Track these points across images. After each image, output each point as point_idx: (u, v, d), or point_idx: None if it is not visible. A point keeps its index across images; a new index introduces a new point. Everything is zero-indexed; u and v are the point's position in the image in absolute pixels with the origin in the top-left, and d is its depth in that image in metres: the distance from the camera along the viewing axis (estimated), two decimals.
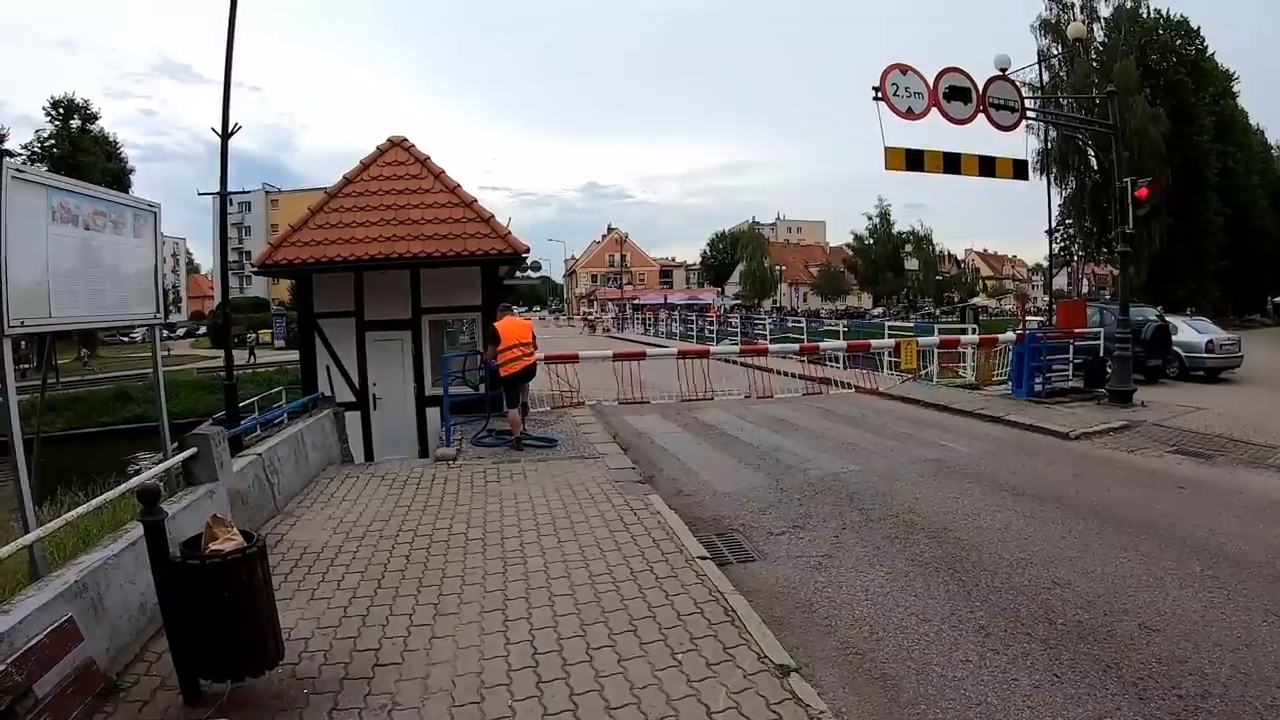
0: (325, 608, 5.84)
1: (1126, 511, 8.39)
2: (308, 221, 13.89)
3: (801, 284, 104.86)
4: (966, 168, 15.41)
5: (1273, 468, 10.37)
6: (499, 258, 13.68)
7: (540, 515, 8.16)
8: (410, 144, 15.19)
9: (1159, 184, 17.09)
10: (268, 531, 7.73)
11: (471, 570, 6.59)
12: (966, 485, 9.66)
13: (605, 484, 9.42)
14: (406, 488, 9.56)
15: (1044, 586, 6.32)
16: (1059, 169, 44.03)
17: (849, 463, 11.06)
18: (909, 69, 14.08)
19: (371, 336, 14.06)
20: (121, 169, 53.64)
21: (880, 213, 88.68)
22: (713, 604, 5.72)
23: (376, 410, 14.25)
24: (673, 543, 7.11)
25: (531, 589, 6.12)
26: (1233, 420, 13.44)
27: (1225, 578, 6.40)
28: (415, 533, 7.71)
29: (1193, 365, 19.96)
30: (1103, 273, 66.76)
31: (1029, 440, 12.66)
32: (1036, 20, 46.50)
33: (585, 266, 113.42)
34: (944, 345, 19.52)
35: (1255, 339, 28.39)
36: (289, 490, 9.14)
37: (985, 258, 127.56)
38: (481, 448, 11.73)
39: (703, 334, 41.18)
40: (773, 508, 8.84)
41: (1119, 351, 15.50)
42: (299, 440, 10.10)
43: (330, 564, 6.84)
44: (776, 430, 13.78)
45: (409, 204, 14.06)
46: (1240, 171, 48.04)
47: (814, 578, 6.63)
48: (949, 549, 7.29)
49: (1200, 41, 48.35)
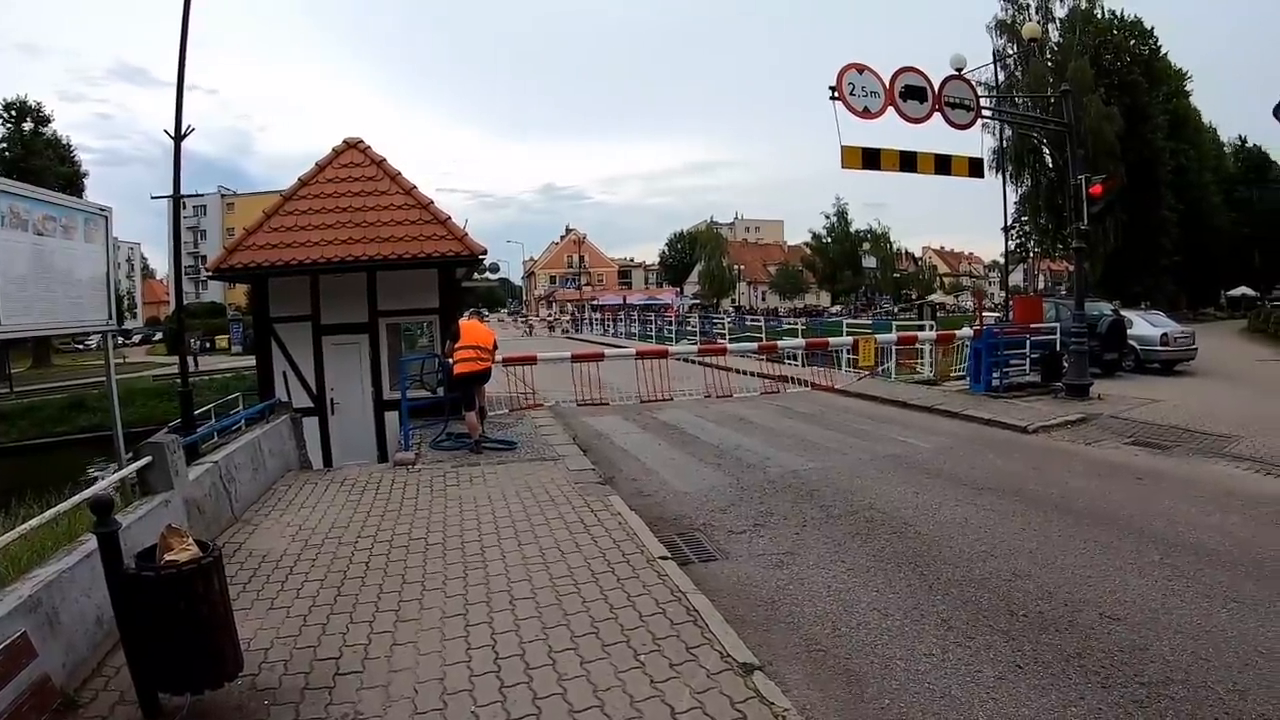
0: (285, 617, 5.72)
1: (1085, 503, 8.47)
2: (263, 225, 13.78)
3: (760, 283, 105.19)
4: (923, 166, 15.49)
5: (1228, 456, 10.55)
6: (456, 259, 13.62)
7: (500, 518, 8.06)
8: (366, 145, 15.06)
9: (1113, 181, 17.33)
10: (225, 540, 7.54)
11: (432, 575, 6.49)
12: (926, 480, 9.68)
13: (565, 485, 9.34)
14: (366, 493, 9.41)
15: (1005, 579, 6.34)
16: (1015, 167, 44.60)
17: (809, 460, 11.05)
18: (865, 69, 14.14)
19: (328, 340, 13.96)
20: (75, 173, 52.70)
21: (838, 211, 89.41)
22: (675, 604, 5.67)
23: (335, 415, 14.14)
24: (634, 543, 7.06)
25: (493, 593, 6.04)
26: (1188, 411, 13.66)
27: (1184, 566, 6.46)
28: (375, 538, 7.58)
29: (1148, 358, 20.33)
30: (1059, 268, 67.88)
31: (987, 435, 12.77)
32: (993, 21, 47.17)
33: (544, 268, 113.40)
34: (902, 342, 19.60)
35: (1208, 332, 29.01)
36: (247, 498, 8.96)
37: (942, 255, 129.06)
38: (441, 451, 11.61)
39: (661, 334, 41.14)
40: (733, 506, 8.79)
41: (1074, 346, 15.67)
42: (256, 447, 9.90)
43: (289, 572, 6.70)
44: (736, 429, 13.75)
45: (365, 206, 13.98)
46: (1193, 169, 49.12)
47: (776, 575, 6.60)
48: (910, 543, 7.30)
49: (1154, 41, 49.44)
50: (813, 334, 27.93)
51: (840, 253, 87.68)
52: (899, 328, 24.09)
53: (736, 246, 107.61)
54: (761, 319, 42.35)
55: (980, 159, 16.17)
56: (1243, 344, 30.45)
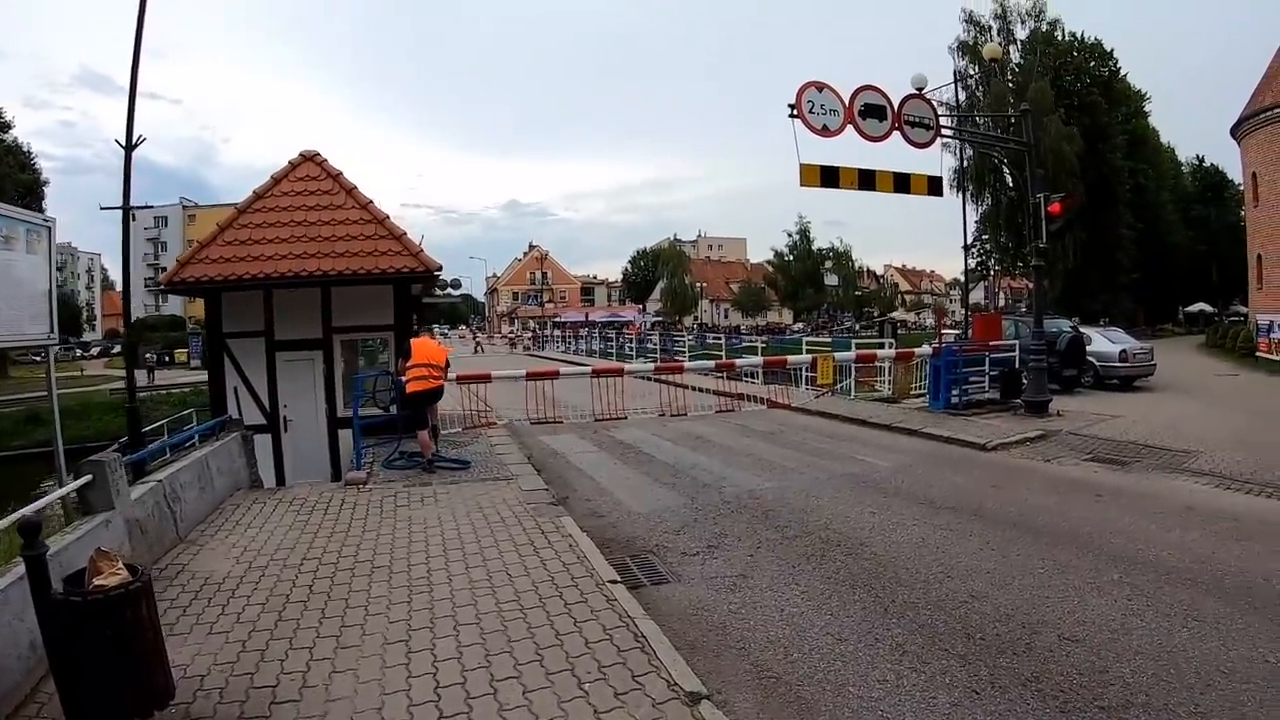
0: (224, 642, 5.53)
1: (1044, 521, 8.41)
2: (216, 238, 13.52)
3: (723, 300, 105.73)
4: (881, 184, 15.48)
5: (1187, 472, 10.58)
6: (411, 276, 13.44)
7: (449, 540, 7.87)
8: (323, 158, 14.82)
9: (1072, 200, 17.47)
10: (169, 561, 7.33)
11: (376, 599, 6.30)
12: (884, 500, 9.58)
13: (517, 506, 9.15)
14: (314, 513, 9.18)
15: (961, 600, 6.23)
16: (975, 186, 45.17)
17: (765, 479, 10.93)
18: (825, 86, 14.09)
19: (282, 356, 13.68)
20: (35, 180, 52.00)
21: (800, 230, 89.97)
22: (622, 630, 5.50)
23: (287, 433, 13.86)
24: (583, 566, 6.87)
25: (436, 618, 5.86)
26: (1147, 427, 13.74)
27: (1143, 584, 6.40)
28: (320, 560, 7.37)
29: (1107, 374, 20.48)
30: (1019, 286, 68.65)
31: (946, 452, 12.74)
32: (955, 42, 47.76)
33: (507, 284, 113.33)
34: (861, 360, 19.56)
35: (1167, 347, 29.37)
36: (193, 518, 8.72)
37: (904, 273, 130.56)
38: (393, 470, 11.39)
39: (622, 351, 40.93)
40: (687, 528, 8.63)
41: (1034, 363, 15.73)
42: (204, 465, 9.65)
43: (231, 595, 6.48)
44: (693, 448, 13.63)
45: (320, 220, 13.75)
46: (1151, 188, 50.01)
47: (728, 599, 6.43)
48: (866, 565, 7.16)
49: (1114, 63, 50.32)
50: (772, 352, 27.94)
51: (802, 270, 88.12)
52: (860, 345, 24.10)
53: (699, 264, 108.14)
54: (722, 337, 42.32)
55: (939, 177, 16.21)
56: (1201, 359, 30.80)
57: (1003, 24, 47.77)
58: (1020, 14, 48.04)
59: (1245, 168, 39.42)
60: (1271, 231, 35.74)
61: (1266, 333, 28.11)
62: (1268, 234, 36.21)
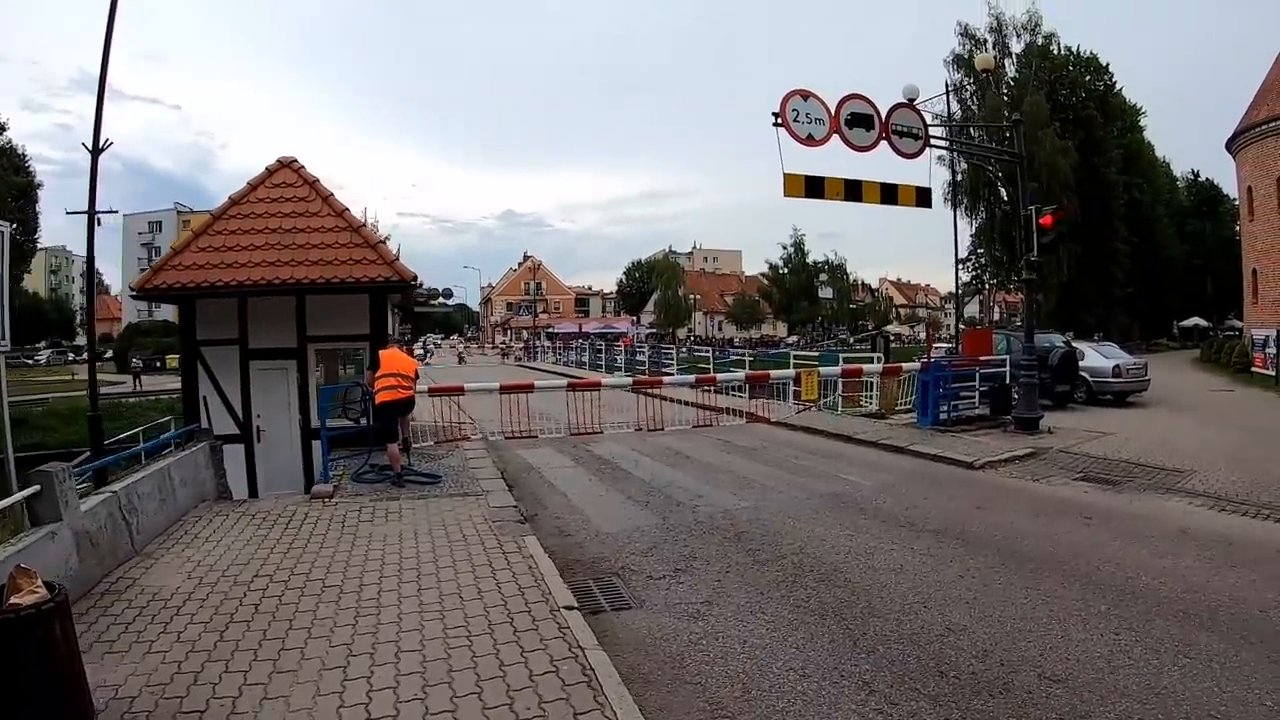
0: (161, 662, 5.31)
1: (1029, 546, 8.07)
2: (190, 244, 13.28)
3: (717, 313, 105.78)
4: (868, 195, 15.18)
5: (1181, 492, 10.28)
6: (386, 285, 13.12)
7: (406, 559, 7.57)
8: (300, 165, 14.54)
9: (1064, 212, 17.19)
10: (120, 575, 7.12)
11: (320, 621, 6.03)
12: (863, 521, 9.24)
13: (482, 524, 8.84)
14: (275, 528, 8.91)
15: (937, 634, 5.87)
16: (969, 200, 45.12)
17: (742, 499, 10.59)
18: (810, 94, 13.82)
19: (255, 365, 13.41)
20: (29, 182, 51.66)
21: (795, 242, 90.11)
22: (570, 661, 5.18)
23: (260, 443, 13.56)
24: (539, 590, 6.55)
25: (379, 643, 5.58)
26: (1140, 445, 13.51)
27: (1132, 617, 6.06)
28: (271, 578, 7.11)
29: (1100, 390, 20.25)
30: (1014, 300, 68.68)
31: (932, 471, 12.41)
32: (950, 55, 47.59)
33: (501, 294, 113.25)
34: (847, 375, 19.21)
35: (1161, 362, 29.16)
36: (151, 530, 8.48)
37: (899, 286, 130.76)
38: (362, 484, 11.10)
39: (613, 364, 40.45)
40: (656, 549, 8.29)
41: (1024, 378, 15.46)
42: (165, 476, 9.40)
43: (176, 612, 6.25)
44: (671, 464, 13.31)
45: (295, 228, 13.47)
46: (1146, 202, 49.97)
47: (690, 628, 6.09)
48: (838, 593, 6.81)
49: (1109, 77, 50.31)
50: (760, 365, 27.66)
51: (797, 283, 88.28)
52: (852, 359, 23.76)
53: (694, 276, 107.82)
54: (709, 350, 42.01)
55: (929, 188, 15.86)
56: (1196, 374, 30.69)
57: (998, 37, 47.70)
58: (1016, 27, 48.05)
59: (1240, 181, 39.28)
60: (1267, 246, 35.58)
61: (1261, 348, 27.93)
62: (1263, 248, 36.05)
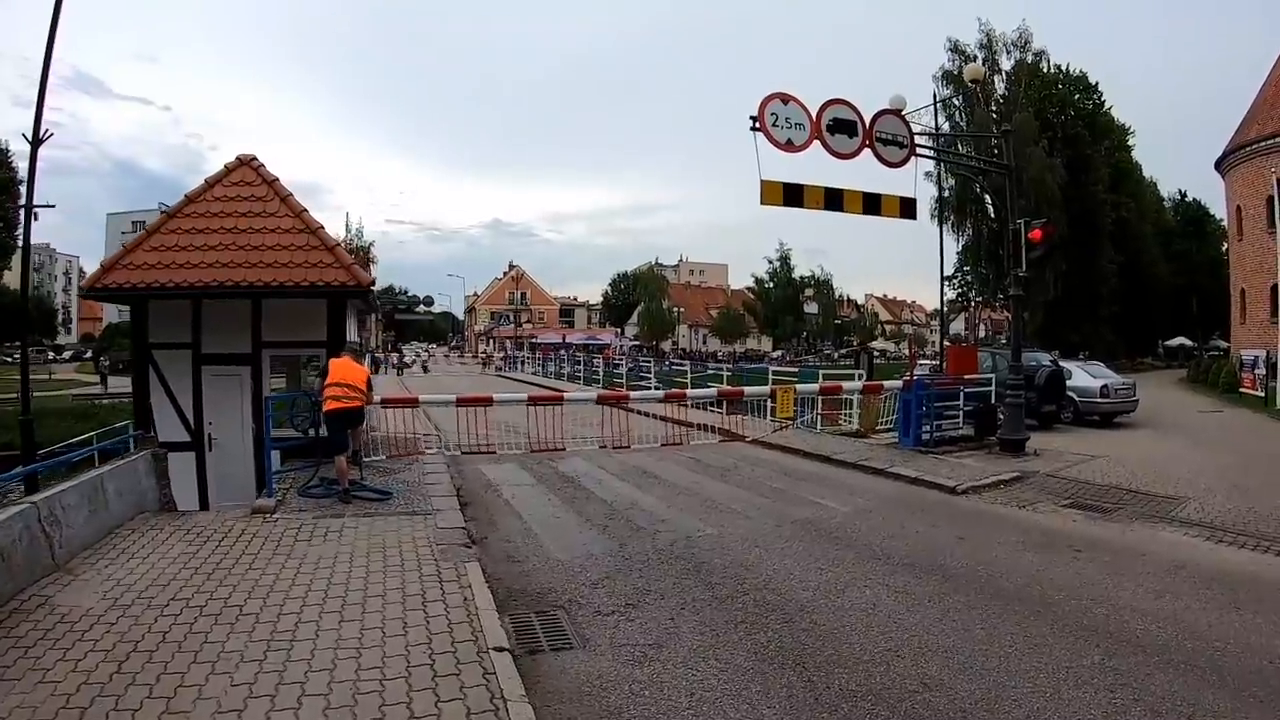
0: (50, 694, 4.92)
1: (1015, 584, 7.43)
2: (143, 243, 12.73)
3: (702, 326, 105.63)
4: (850, 205, 14.61)
5: (1175, 522, 9.74)
6: (342, 290, 12.54)
7: (335, 585, 6.98)
8: (259, 163, 13.99)
9: (1053, 227, 16.70)
10: (34, 593, 6.67)
11: (227, 655, 5.50)
12: (836, 552, 8.61)
13: (424, 547, 8.22)
14: (207, 545, 8.34)
15: (910, 689, 5.20)
16: (956, 216, 44.92)
17: (708, 524, 9.94)
18: (790, 99, 13.29)
19: (208, 371, 12.93)
20: (11, 179, 51.15)
21: (781, 257, 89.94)
22: (489, 716, 4.60)
23: (212, 452, 13.02)
24: (470, 627, 5.94)
25: (284, 684, 5.05)
26: (1130, 468, 13.04)
27: (1130, 670, 5.41)
28: (188, 602, 6.57)
29: (1087, 410, 19.86)
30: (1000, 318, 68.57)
31: (913, 496, 11.79)
32: (939, 71, 47.30)
33: (485, 303, 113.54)
34: (826, 392, 18.58)
35: (1147, 381, 28.79)
36: (78, 542, 7.99)
37: (885, 302, 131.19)
38: (308, 498, 10.47)
39: (590, 375, 40.09)
40: (609, 579, 7.66)
41: (1010, 398, 14.94)
42: (97, 486, 8.90)
43: (80, 637, 5.83)
44: (638, 484, 12.69)
45: (250, 228, 12.94)
46: (1133, 221, 49.91)
47: (633, 674, 5.46)
48: (801, 637, 6.14)
49: (1098, 96, 50.35)
50: (738, 380, 27.21)
51: (782, 298, 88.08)
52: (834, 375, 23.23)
53: (679, 289, 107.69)
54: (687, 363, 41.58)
55: (913, 199, 15.23)
56: (1183, 394, 30.43)
57: (988, 54, 47.38)
58: (1006, 44, 47.73)
59: (1230, 201, 39.17)
60: (1255, 265, 35.43)
61: (1251, 368, 27.66)
62: (1251, 268, 35.93)
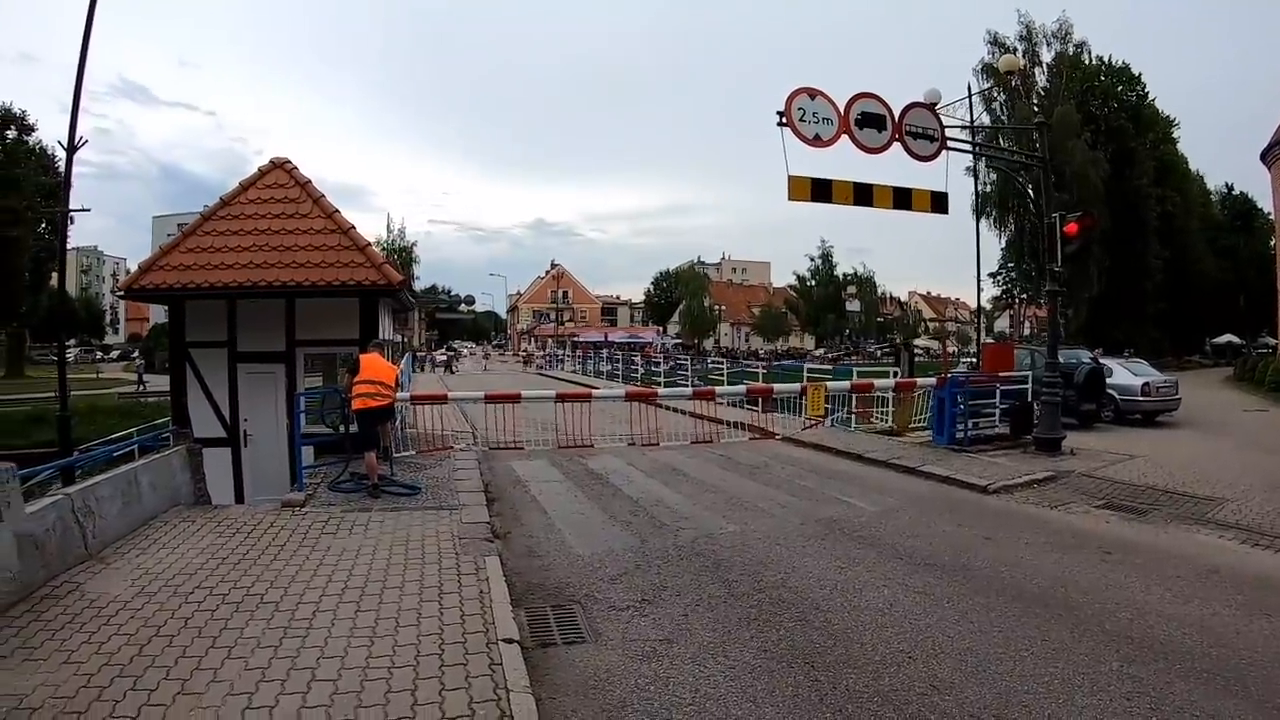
0: (73, 673, 5.12)
1: (1039, 586, 7.25)
2: (179, 244, 13.19)
3: (744, 324, 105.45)
4: (879, 200, 14.37)
5: (1211, 524, 9.47)
6: (373, 289, 12.78)
7: (356, 576, 7.14)
8: (293, 166, 14.38)
9: (1089, 220, 16.32)
10: (66, 579, 6.89)
11: (244, 641, 5.67)
12: (858, 551, 8.47)
13: (447, 541, 8.35)
14: (235, 536, 8.57)
15: (919, 691, 5.10)
16: (998, 212, 44.32)
17: (730, 522, 9.82)
18: (818, 93, 13.16)
19: (244, 369, 13.33)
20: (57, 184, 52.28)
21: (822, 254, 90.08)
22: (490, 705, 4.65)
23: (248, 447, 13.40)
24: (483, 619, 6.02)
25: (295, 669, 5.19)
26: (1168, 469, 12.74)
27: (1149, 677, 5.23)
28: (211, 590, 6.78)
29: (1128, 409, 19.52)
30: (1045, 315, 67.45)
31: (942, 495, 11.60)
32: (979, 64, 46.75)
33: (527, 302, 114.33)
34: (857, 390, 18.31)
35: (1193, 380, 28.26)
36: (111, 534, 8.23)
37: (928, 300, 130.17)
38: (337, 493, 10.70)
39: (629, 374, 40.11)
40: (626, 575, 7.65)
41: (1046, 396, 14.71)
42: (130, 480, 9.13)
43: (106, 621, 6.02)
44: (665, 481, 12.59)
45: (284, 229, 13.34)
46: (1179, 215, 48.76)
47: (641, 669, 5.46)
48: (814, 636, 6.05)
49: (1141, 88, 49.22)
50: (771, 378, 27.12)
51: (824, 296, 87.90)
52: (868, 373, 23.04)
53: (721, 287, 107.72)
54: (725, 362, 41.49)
55: (944, 193, 14.93)
56: (1228, 393, 29.73)
57: (1028, 45, 46.70)
58: (1046, 35, 46.96)
59: (1276, 193, 38.20)
60: None
61: None
62: None
